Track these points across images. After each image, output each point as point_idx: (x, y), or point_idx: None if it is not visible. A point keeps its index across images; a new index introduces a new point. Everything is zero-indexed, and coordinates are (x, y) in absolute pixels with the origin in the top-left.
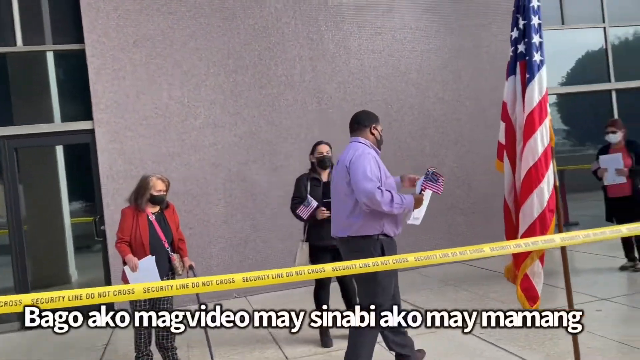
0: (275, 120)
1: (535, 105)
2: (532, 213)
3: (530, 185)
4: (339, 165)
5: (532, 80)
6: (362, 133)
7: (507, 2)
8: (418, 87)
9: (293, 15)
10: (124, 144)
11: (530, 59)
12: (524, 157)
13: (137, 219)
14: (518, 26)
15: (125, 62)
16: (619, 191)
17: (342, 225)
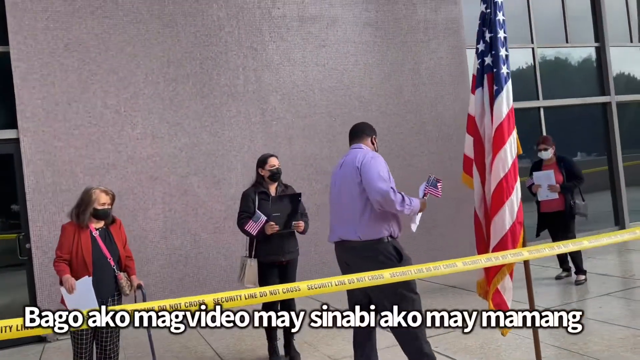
0: (217, 131)
1: (504, 117)
2: (504, 226)
3: (502, 198)
4: (345, 168)
5: (501, 93)
6: (364, 141)
7: (445, 20)
8: (361, 101)
9: (236, 25)
10: (52, 154)
11: (498, 72)
12: (494, 170)
13: (78, 235)
14: (484, 39)
15: (55, 67)
16: (552, 206)
17: (351, 227)
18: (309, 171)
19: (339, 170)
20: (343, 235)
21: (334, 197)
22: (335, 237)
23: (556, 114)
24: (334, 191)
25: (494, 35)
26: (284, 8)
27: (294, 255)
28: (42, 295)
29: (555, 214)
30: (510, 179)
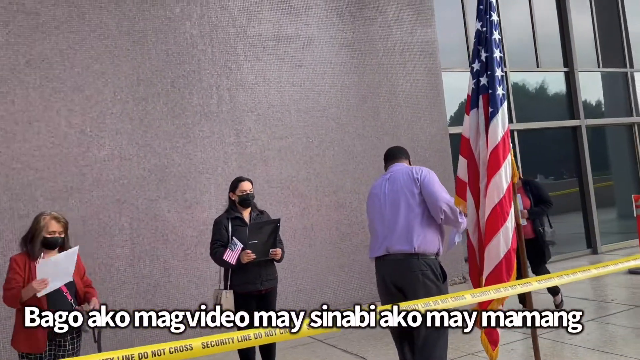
0: (189, 152)
1: (499, 140)
2: (498, 253)
3: (497, 224)
4: (396, 180)
5: (496, 115)
6: (404, 162)
7: (421, 42)
8: (338, 122)
9: (210, 43)
10: (10, 177)
11: (494, 92)
12: (488, 194)
13: (29, 267)
14: (480, 58)
15: (15, 84)
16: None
17: (406, 237)
18: (285, 194)
19: (386, 184)
20: (395, 247)
21: (380, 210)
22: (382, 251)
23: (529, 136)
24: (380, 204)
25: (490, 54)
26: (259, 27)
27: (273, 284)
28: None
29: (526, 242)
30: (505, 204)
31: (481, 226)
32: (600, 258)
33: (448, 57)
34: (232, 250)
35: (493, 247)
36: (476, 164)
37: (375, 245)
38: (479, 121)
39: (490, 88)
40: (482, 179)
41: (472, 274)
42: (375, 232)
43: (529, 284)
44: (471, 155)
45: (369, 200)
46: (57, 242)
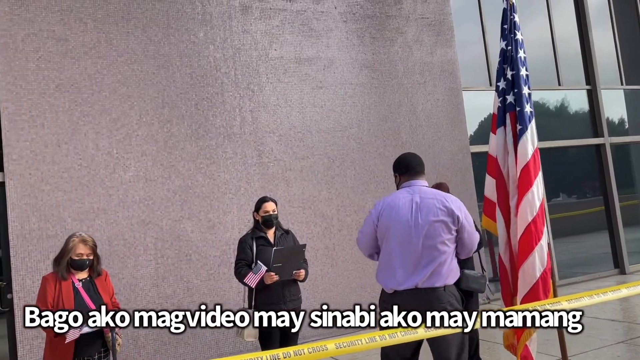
0: (213, 173)
1: (529, 157)
2: (534, 273)
3: (531, 243)
4: (430, 204)
5: (525, 132)
6: (424, 178)
7: (441, 62)
8: (359, 142)
9: (233, 66)
10: (39, 199)
11: (522, 110)
12: (520, 213)
13: (60, 286)
14: (505, 77)
15: (45, 107)
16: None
17: (441, 274)
18: (307, 214)
19: (415, 209)
20: (424, 284)
21: (409, 240)
22: (410, 284)
23: (550, 155)
24: (410, 235)
25: (516, 72)
26: (281, 50)
27: (296, 304)
28: (23, 350)
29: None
30: (539, 222)
31: (513, 245)
32: (628, 278)
33: (468, 76)
34: (254, 273)
35: (528, 266)
36: (505, 182)
37: (396, 275)
38: (506, 139)
39: (517, 105)
40: (512, 197)
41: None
42: (399, 261)
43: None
44: (499, 174)
45: (387, 220)
46: (85, 265)
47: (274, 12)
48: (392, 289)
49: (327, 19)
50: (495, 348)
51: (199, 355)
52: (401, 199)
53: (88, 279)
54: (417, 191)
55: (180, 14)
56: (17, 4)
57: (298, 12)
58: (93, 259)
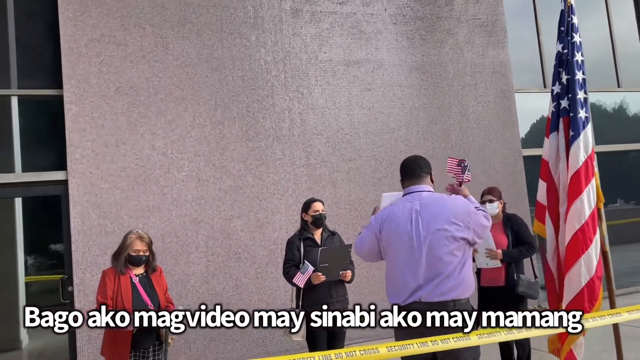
0: (262, 174)
1: (580, 164)
2: (580, 281)
3: (577, 251)
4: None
5: (577, 138)
6: (425, 181)
7: (493, 63)
8: (407, 144)
9: (283, 69)
10: (99, 196)
11: (575, 116)
12: (569, 220)
13: (118, 281)
14: (560, 81)
15: (105, 109)
16: (492, 279)
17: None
18: (353, 215)
19: (416, 218)
20: (428, 298)
21: (411, 252)
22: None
23: (607, 159)
24: (413, 247)
25: (572, 77)
26: (330, 52)
27: (343, 305)
28: (82, 341)
29: (496, 290)
30: (587, 230)
31: (561, 253)
32: None
33: (521, 77)
34: (302, 273)
35: (574, 274)
36: (556, 188)
37: (400, 290)
38: (558, 145)
39: (571, 111)
40: (562, 204)
41: (551, 302)
42: (402, 275)
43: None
44: (550, 179)
45: (388, 233)
46: (141, 260)
47: (324, 15)
48: (396, 304)
49: (376, 21)
50: (547, 357)
51: (246, 353)
52: (400, 209)
53: (144, 274)
54: (416, 198)
55: (233, 18)
56: (80, 11)
57: (348, 15)
58: (149, 255)
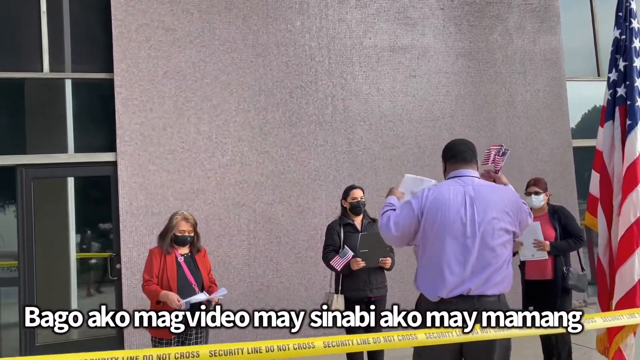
0: (304, 160)
1: (637, 154)
2: (632, 276)
3: (631, 245)
4: (487, 198)
5: (635, 127)
6: (475, 167)
7: (544, 51)
8: (452, 133)
9: (327, 54)
10: (146, 178)
11: (633, 104)
12: (623, 213)
13: (164, 260)
14: (617, 68)
15: (153, 93)
16: (538, 272)
17: (498, 278)
18: None
19: (469, 203)
20: (480, 289)
21: (463, 240)
22: (460, 291)
23: None
24: (465, 234)
25: (629, 64)
26: (375, 38)
27: (382, 292)
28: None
29: (542, 283)
30: None
31: (613, 247)
32: None
33: (574, 65)
34: (341, 258)
35: (627, 269)
36: (609, 179)
37: (445, 282)
38: (614, 134)
39: (629, 99)
40: (617, 196)
41: (601, 298)
42: (448, 264)
43: None
44: (604, 170)
45: (434, 216)
46: (186, 240)
47: (370, 0)
48: (439, 297)
49: (423, 7)
50: (590, 354)
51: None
52: (451, 192)
53: (189, 254)
54: (469, 182)
55: (278, 3)
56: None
57: (394, 0)
58: (194, 236)
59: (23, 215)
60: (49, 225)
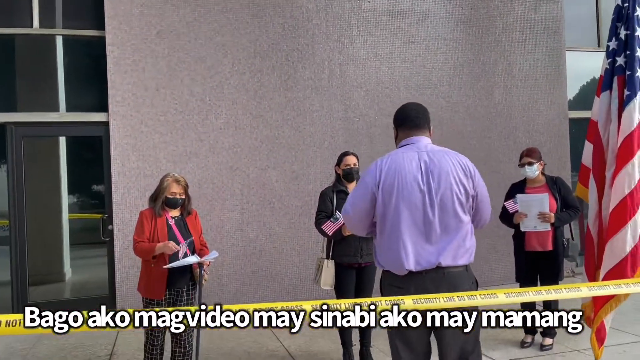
0: (299, 125)
1: (635, 126)
2: (624, 248)
3: (624, 217)
4: (442, 164)
5: (634, 99)
6: (427, 134)
7: (545, 19)
8: (449, 101)
9: (325, 17)
10: (138, 139)
11: (632, 75)
12: (616, 184)
13: (155, 222)
14: (618, 37)
15: (146, 53)
16: (540, 243)
17: (462, 248)
18: None
19: (424, 170)
20: (447, 261)
21: (422, 210)
22: (429, 263)
23: None
24: (423, 203)
25: (631, 32)
26: (374, 2)
27: (372, 258)
28: (120, 277)
29: (543, 254)
30: (636, 196)
31: (604, 218)
32: None
33: (574, 34)
34: (332, 223)
35: (618, 241)
36: (603, 150)
37: (408, 254)
38: (611, 105)
39: (628, 69)
40: (610, 167)
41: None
42: (410, 236)
43: None
44: (598, 140)
45: (391, 185)
46: (178, 203)
47: None
48: (407, 270)
49: None
50: None
51: (277, 298)
52: (406, 159)
53: (180, 217)
54: (422, 148)
55: None
56: None
57: None
58: (185, 198)
59: (13, 173)
60: (41, 185)
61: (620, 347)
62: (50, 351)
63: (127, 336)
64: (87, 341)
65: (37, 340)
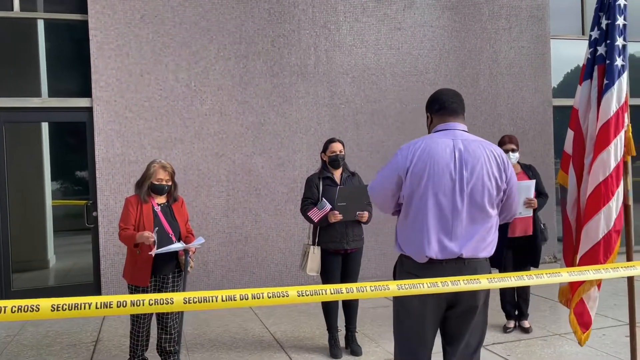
0: (285, 111)
1: (611, 114)
2: (597, 233)
3: (598, 203)
4: (477, 153)
5: (611, 87)
6: (463, 121)
7: (530, 7)
8: (435, 88)
9: (311, 3)
10: (123, 125)
11: (612, 64)
12: (593, 171)
13: (141, 208)
14: (600, 26)
15: (130, 37)
16: (523, 229)
17: (486, 241)
18: (374, 158)
19: (458, 158)
20: (470, 252)
21: (447, 196)
22: (451, 253)
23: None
24: (454, 191)
25: (612, 22)
26: None
27: (358, 244)
28: (105, 264)
29: (524, 239)
30: (610, 183)
31: (581, 204)
32: None
33: (559, 23)
34: (318, 210)
35: (592, 226)
36: (583, 137)
37: (431, 241)
38: (591, 93)
39: (607, 58)
40: (588, 154)
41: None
42: (435, 224)
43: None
44: (579, 128)
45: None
46: (164, 189)
47: None
48: (428, 257)
49: None
50: (556, 306)
51: (263, 284)
52: (440, 144)
53: (166, 203)
54: (458, 136)
55: None
56: None
57: None
58: (171, 185)
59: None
60: (24, 171)
61: (600, 330)
62: (35, 338)
63: (113, 322)
64: (73, 328)
65: (21, 327)
